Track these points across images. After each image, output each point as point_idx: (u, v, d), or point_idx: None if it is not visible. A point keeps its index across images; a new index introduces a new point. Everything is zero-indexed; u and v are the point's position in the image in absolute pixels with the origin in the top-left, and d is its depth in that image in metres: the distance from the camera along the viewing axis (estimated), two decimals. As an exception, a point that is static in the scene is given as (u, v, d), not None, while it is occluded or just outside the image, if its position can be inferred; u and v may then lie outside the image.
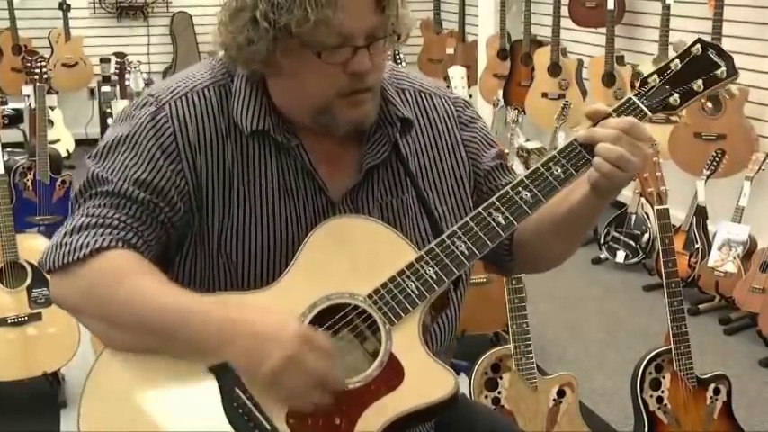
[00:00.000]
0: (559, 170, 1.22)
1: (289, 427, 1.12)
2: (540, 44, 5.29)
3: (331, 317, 1.18)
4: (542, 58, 5.13)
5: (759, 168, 3.72)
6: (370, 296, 1.17)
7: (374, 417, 1.12)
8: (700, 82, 1.26)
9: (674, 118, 4.22)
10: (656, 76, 1.27)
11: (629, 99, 1.26)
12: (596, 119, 1.24)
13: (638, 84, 1.27)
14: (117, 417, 1.13)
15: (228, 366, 1.12)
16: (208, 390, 1.13)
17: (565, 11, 5.01)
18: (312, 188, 1.26)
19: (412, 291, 1.17)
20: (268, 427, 1.12)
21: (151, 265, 1.19)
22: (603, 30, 4.67)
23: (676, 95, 1.26)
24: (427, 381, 1.15)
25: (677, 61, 1.26)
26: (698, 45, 1.27)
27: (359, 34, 1.18)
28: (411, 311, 1.17)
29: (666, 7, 4.20)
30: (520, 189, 1.22)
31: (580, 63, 5.04)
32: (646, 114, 1.24)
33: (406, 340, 1.16)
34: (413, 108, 1.34)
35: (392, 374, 1.14)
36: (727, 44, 3.90)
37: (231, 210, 1.23)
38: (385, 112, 1.30)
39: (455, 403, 1.16)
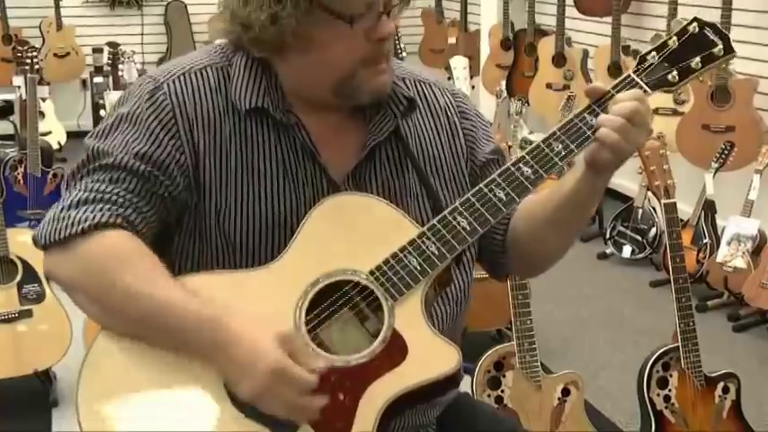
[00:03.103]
0: (560, 146, 1.23)
1: None
2: (545, 33, 5.26)
3: (332, 294, 1.18)
4: (546, 47, 5.10)
5: (769, 161, 3.68)
6: (371, 272, 1.18)
7: (378, 393, 1.13)
8: (697, 59, 1.28)
9: (680, 109, 4.19)
10: (654, 53, 1.29)
11: (629, 76, 1.28)
12: (595, 96, 1.26)
13: (636, 61, 1.30)
14: (116, 397, 1.14)
15: None
16: (209, 367, 1.14)
17: (569, -1, 4.96)
18: (313, 168, 1.27)
19: (414, 267, 1.18)
20: None
21: (149, 252, 1.19)
22: (609, 18, 4.64)
23: (675, 72, 1.28)
24: (430, 356, 1.16)
25: (675, 39, 1.29)
26: (695, 23, 1.30)
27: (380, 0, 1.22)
28: (413, 287, 1.18)
29: (674, -5, 4.16)
30: (521, 165, 1.23)
31: (585, 53, 5.01)
32: (645, 91, 1.26)
33: (408, 316, 1.17)
34: (413, 94, 1.37)
35: (395, 350, 1.15)
36: (736, 33, 3.85)
37: (229, 188, 1.24)
38: (390, 92, 1.32)
39: (458, 379, 1.17)
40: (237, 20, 1.22)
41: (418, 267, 1.18)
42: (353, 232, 1.21)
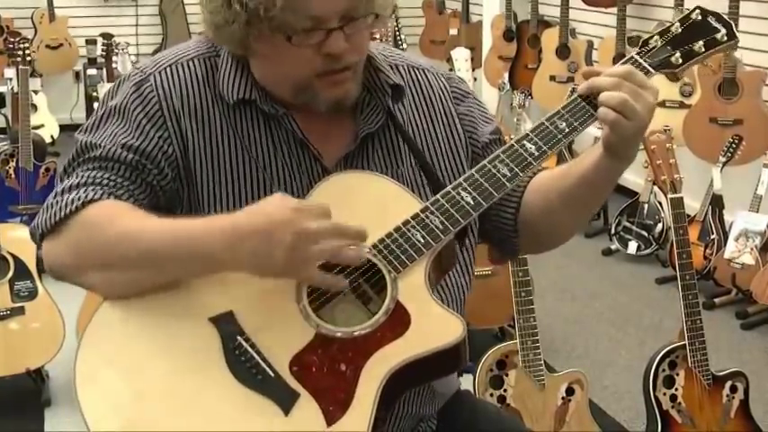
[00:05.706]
0: (563, 124, 1.26)
1: (292, 374, 1.13)
2: (548, 25, 5.24)
3: (334, 269, 1.19)
4: (550, 39, 5.08)
5: (777, 155, 3.65)
6: (374, 246, 1.18)
7: (380, 363, 1.13)
8: (700, 43, 1.32)
9: (687, 102, 4.14)
10: (657, 37, 1.32)
11: (632, 57, 1.31)
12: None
13: (639, 45, 1.34)
14: (115, 368, 1.14)
15: (230, 315, 1.15)
16: (210, 339, 1.14)
17: (574, -10, 4.95)
18: (306, 157, 1.28)
19: (417, 240, 1.19)
20: (271, 374, 1.13)
21: (143, 210, 1.21)
22: (614, 10, 4.61)
23: (678, 54, 1.31)
24: (435, 326, 1.16)
25: (678, 25, 1.32)
26: (697, 11, 1.33)
27: (331, 17, 1.20)
28: (417, 260, 1.18)
29: (680, -14, 4.12)
30: (525, 142, 1.25)
31: (590, 45, 4.99)
32: (648, 71, 1.29)
33: (412, 288, 1.18)
34: (406, 81, 1.37)
35: (398, 321, 1.16)
36: (744, 24, 3.82)
37: (223, 178, 1.26)
38: (375, 81, 1.32)
39: (462, 356, 1.17)
40: (203, 17, 1.26)
41: (422, 240, 1.19)
42: (356, 208, 1.21)
